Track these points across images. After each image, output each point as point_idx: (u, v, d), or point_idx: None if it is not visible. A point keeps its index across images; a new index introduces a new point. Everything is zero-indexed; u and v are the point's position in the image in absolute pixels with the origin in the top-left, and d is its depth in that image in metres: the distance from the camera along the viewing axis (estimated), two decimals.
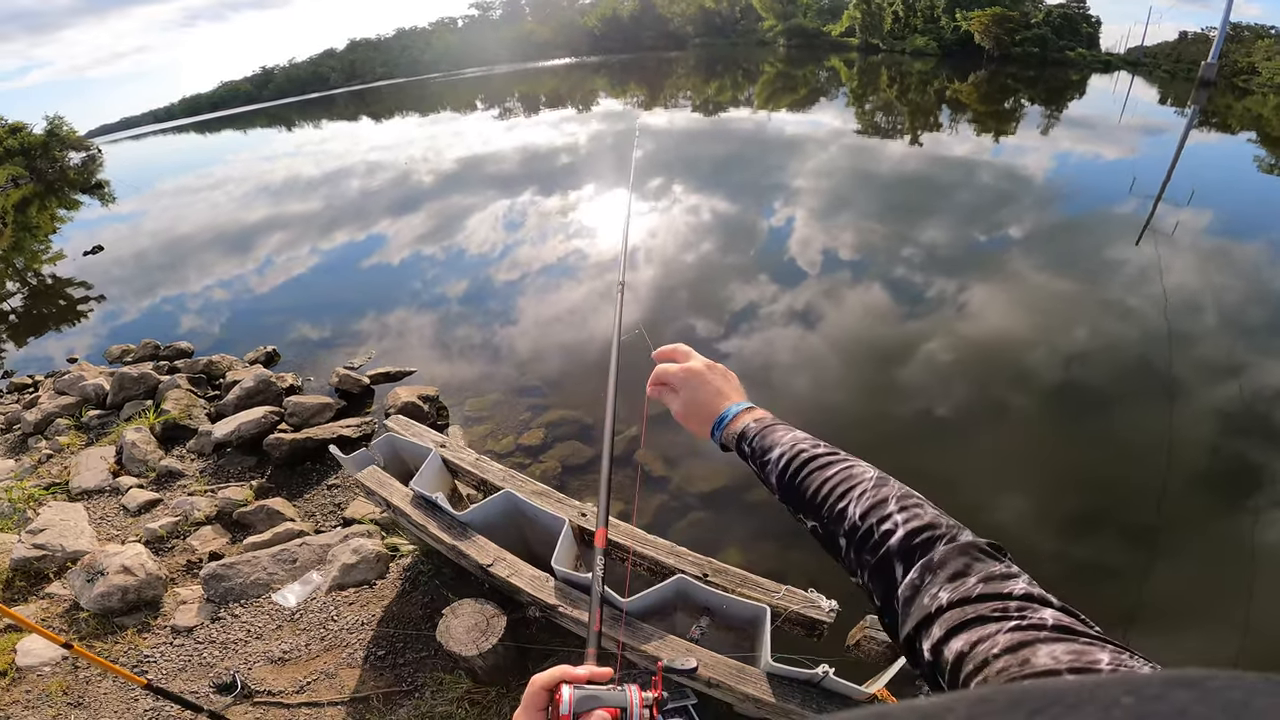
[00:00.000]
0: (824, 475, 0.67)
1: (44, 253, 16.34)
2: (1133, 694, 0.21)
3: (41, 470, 4.92)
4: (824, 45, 55.85)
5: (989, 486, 4.29)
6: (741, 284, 7.80)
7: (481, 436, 5.05)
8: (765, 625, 2.23)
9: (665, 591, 2.32)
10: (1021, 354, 5.75)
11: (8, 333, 10.19)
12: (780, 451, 0.72)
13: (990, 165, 13.20)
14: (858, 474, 0.66)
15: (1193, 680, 0.21)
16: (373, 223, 13.08)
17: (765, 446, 0.75)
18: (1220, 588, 3.49)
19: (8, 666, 3.01)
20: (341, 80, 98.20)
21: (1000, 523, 3.92)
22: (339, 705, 2.72)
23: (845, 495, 0.64)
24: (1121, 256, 7.85)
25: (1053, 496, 4.17)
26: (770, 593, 2.42)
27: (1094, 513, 3.99)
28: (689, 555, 2.47)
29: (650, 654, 2.20)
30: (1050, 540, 3.83)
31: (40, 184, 32.92)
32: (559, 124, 26.12)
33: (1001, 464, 4.53)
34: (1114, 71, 35.94)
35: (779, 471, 0.72)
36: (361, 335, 7.49)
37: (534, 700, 0.66)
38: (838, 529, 0.63)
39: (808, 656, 2.26)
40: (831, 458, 0.69)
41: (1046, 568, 3.59)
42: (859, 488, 0.64)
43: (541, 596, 2.24)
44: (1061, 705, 0.21)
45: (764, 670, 2.18)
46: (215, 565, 3.39)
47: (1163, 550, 3.67)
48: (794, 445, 0.72)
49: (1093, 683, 0.22)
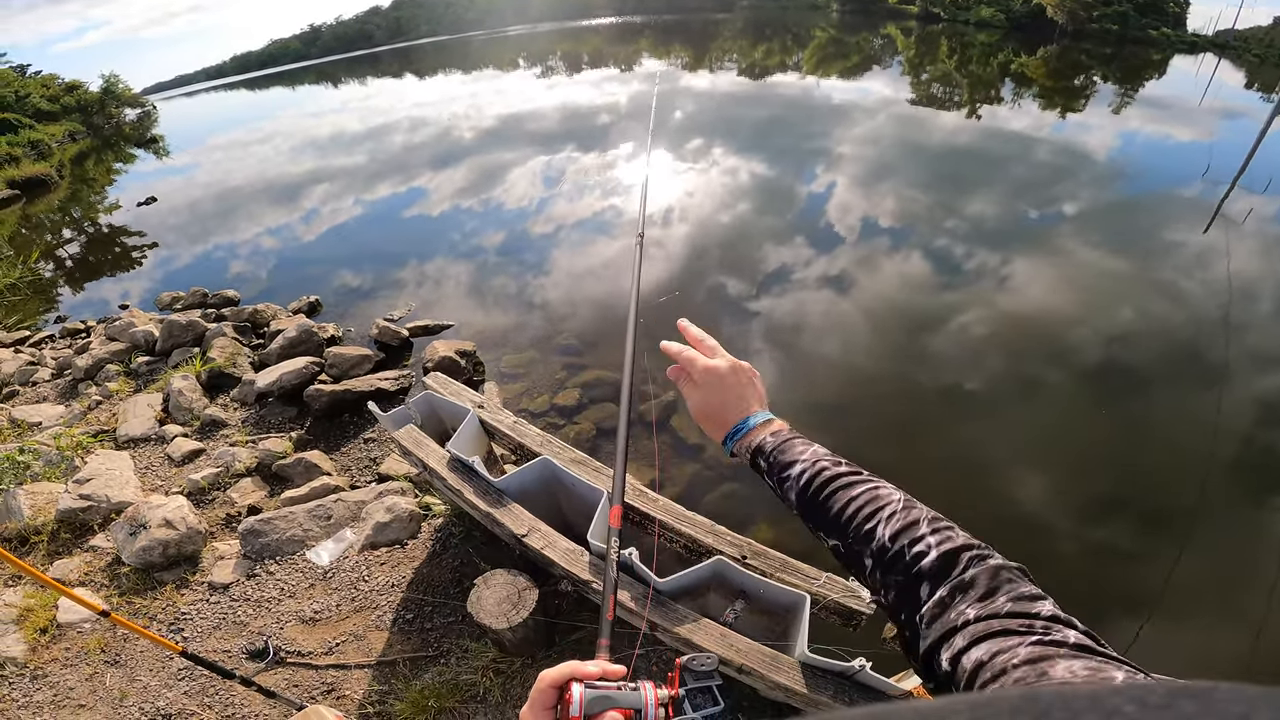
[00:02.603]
0: (849, 495, 0.67)
1: (100, 203, 16.82)
2: (1137, 702, 0.20)
3: (90, 417, 5.04)
4: (881, 12, 53.56)
5: (1016, 461, 4.23)
6: (776, 246, 7.74)
7: (516, 395, 5.01)
8: (804, 614, 2.14)
9: (701, 573, 2.24)
10: (1063, 331, 5.57)
11: (64, 279, 10.54)
12: (801, 469, 0.71)
13: (1049, 141, 12.52)
14: (884, 495, 0.65)
15: (1198, 692, 0.21)
16: (415, 176, 13.30)
17: (784, 462, 0.73)
18: (1240, 584, 3.37)
19: (49, 623, 3.09)
20: (386, 37, 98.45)
21: (1022, 498, 3.89)
22: (366, 668, 2.73)
23: (873, 516, 0.64)
24: (1183, 239, 7.43)
25: (1080, 476, 4.10)
26: (810, 579, 2.32)
27: (1119, 496, 3.91)
28: (728, 535, 2.37)
29: (682, 636, 2.14)
30: (1071, 520, 3.77)
31: (97, 139, 33.91)
32: (600, 83, 25.79)
33: (1031, 439, 4.44)
34: (1199, 53, 33.60)
35: (800, 489, 0.71)
36: (401, 284, 7.61)
37: (542, 698, 0.62)
38: (864, 549, 0.63)
39: (842, 648, 2.19)
40: (855, 477, 0.69)
41: (1064, 545, 3.58)
42: (887, 509, 0.64)
43: (575, 571, 2.17)
44: (1066, 711, 0.21)
45: (798, 659, 2.10)
46: (253, 520, 3.42)
47: (1185, 539, 3.55)
48: (815, 463, 0.71)
49: (1098, 690, 0.22)
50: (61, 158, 26.42)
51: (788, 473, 0.72)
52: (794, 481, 0.71)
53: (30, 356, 6.60)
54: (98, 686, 2.81)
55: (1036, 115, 15.54)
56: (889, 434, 4.52)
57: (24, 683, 2.84)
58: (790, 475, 0.72)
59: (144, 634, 2.01)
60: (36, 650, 2.98)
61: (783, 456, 0.73)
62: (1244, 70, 27.72)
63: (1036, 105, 17.14)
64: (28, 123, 29.29)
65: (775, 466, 0.74)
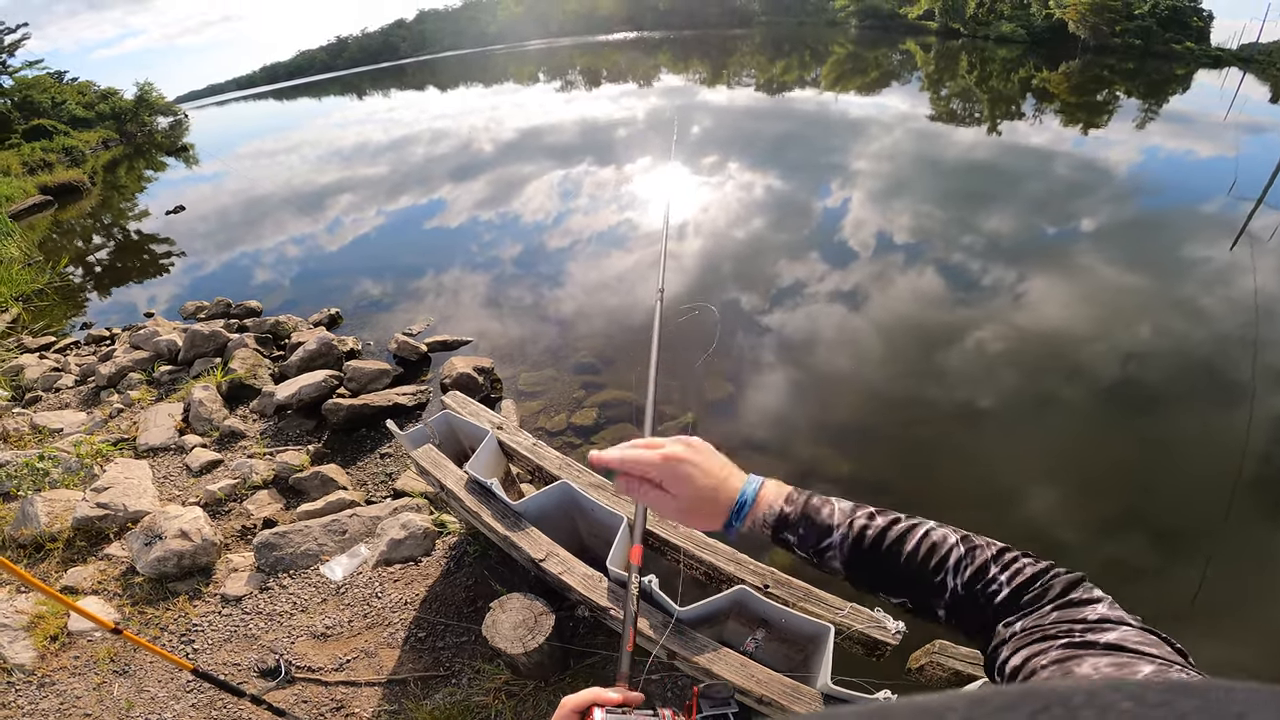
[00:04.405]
0: (903, 549, 0.64)
1: (130, 210, 17.16)
2: (1134, 699, 0.21)
3: (111, 425, 5.08)
4: (899, 28, 53.49)
5: (1027, 475, 4.16)
6: (790, 261, 7.73)
7: (534, 413, 4.99)
8: (828, 645, 2.08)
9: (722, 602, 2.19)
10: (1085, 349, 5.46)
11: (92, 285, 10.73)
12: (841, 534, 0.67)
13: (1068, 156, 12.34)
14: (940, 541, 0.64)
15: (1195, 689, 0.21)
16: (436, 187, 13.48)
17: (819, 531, 0.68)
18: (1266, 600, 3.27)
19: (59, 630, 3.08)
20: (411, 50, 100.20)
21: (1033, 513, 3.84)
22: (376, 686, 2.69)
23: (939, 569, 0.62)
24: (1209, 256, 7.26)
25: (1093, 491, 4.02)
26: (834, 609, 2.26)
27: (1131, 512, 3.84)
28: (750, 563, 2.32)
29: (702, 666, 2.08)
30: (1082, 534, 3.71)
31: (129, 146, 34.74)
32: (618, 98, 25.96)
33: (1036, 453, 4.38)
34: (1224, 67, 33.11)
35: (846, 557, 0.67)
36: (420, 295, 7.68)
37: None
38: (936, 602, 0.63)
39: (867, 680, 2.12)
40: (897, 527, 0.66)
41: (1073, 558, 3.43)
42: (951, 557, 0.62)
43: (593, 598, 2.13)
44: (1063, 707, 0.21)
45: (820, 690, 2.04)
46: (268, 534, 3.41)
47: (1210, 557, 3.46)
48: (850, 522, 0.67)
49: (1097, 686, 0.22)
50: (94, 164, 27.08)
51: (827, 541, 0.67)
52: (836, 549, 0.67)
53: (55, 362, 6.70)
54: (105, 696, 2.79)
55: (1057, 131, 15.33)
56: (906, 453, 4.44)
57: (31, 690, 2.83)
58: (831, 544, 0.67)
59: (156, 651, 1.99)
60: (45, 658, 2.97)
61: (813, 526, 0.68)
62: (1269, 84, 27.25)
63: (1058, 121, 16.92)
64: (63, 129, 30.04)
65: (809, 538, 0.68)
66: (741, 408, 4.97)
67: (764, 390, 5.21)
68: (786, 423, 4.81)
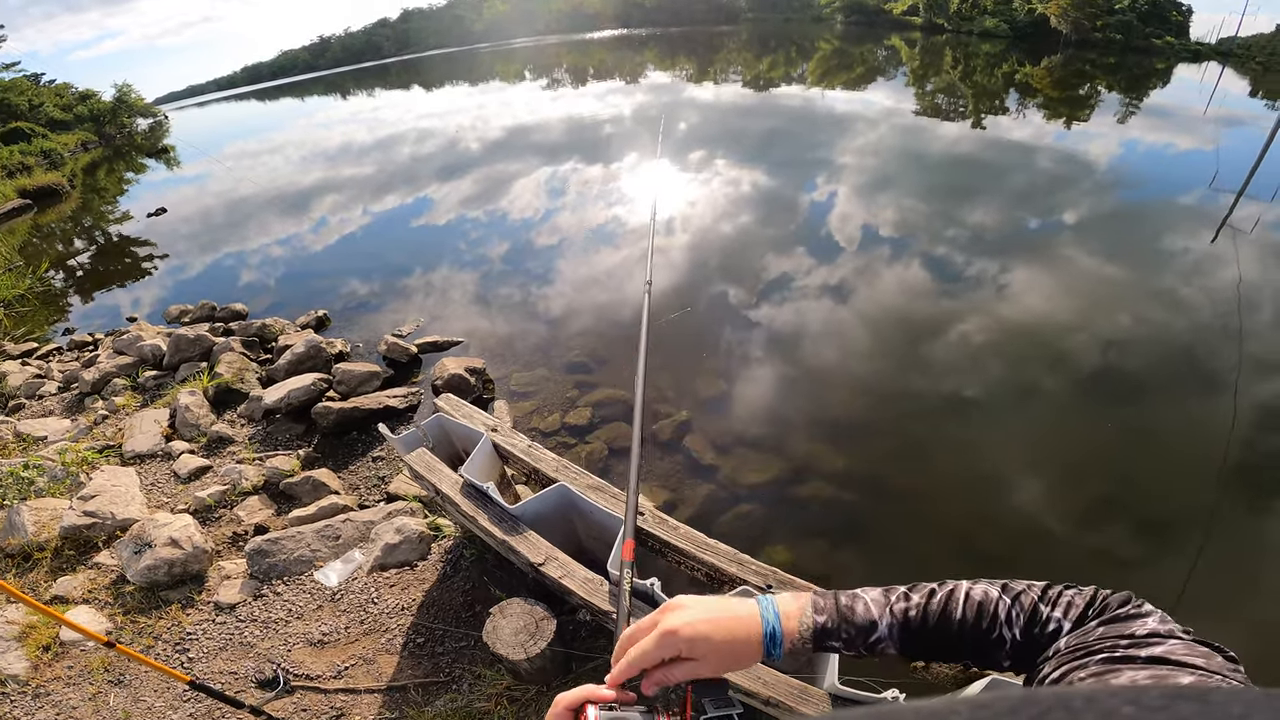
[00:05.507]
0: (953, 619, 0.65)
1: (111, 213, 16.90)
2: (1135, 704, 0.21)
3: (96, 432, 5.00)
4: (884, 24, 53.63)
5: (1016, 466, 4.19)
6: (777, 255, 7.76)
7: (527, 413, 4.96)
8: None
9: None
10: (1062, 338, 5.53)
11: (74, 289, 10.56)
12: (888, 624, 0.67)
13: (1050, 149, 12.45)
14: (981, 597, 0.65)
15: (1196, 694, 0.21)
16: (422, 186, 13.37)
17: (862, 629, 0.68)
18: (1249, 591, 3.31)
19: (52, 640, 3.03)
20: (395, 49, 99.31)
21: (1023, 503, 3.86)
22: (375, 693, 2.67)
23: (993, 626, 0.63)
24: (1189, 247, 7.36)
25: (1077, 481, 4.06)
26: None
27: (1116, 501, 3.87)
28: (753, 564, 2.31)
29: None
30: (1070, 525, 3.73)
31: (109, 148, 34.21)
32: (605, 95, 25.87)
33: (1027, 445, 4.41)
34: (1203, 61, 33.46)
35: (900, 644, 0.67)
36: (408, 294, 7.62)
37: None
38: (998, 655, 0.63)
39: (874, 679, 2.12)
40: (937, 598, 0.67)
41: (1059, 551, 3.55)
42: (1000, 610, 0.63)
43: (594, 601, 2.11)
44: (1064, 710, 0.21)
45: (828, 691, 2.03)
46: (260, 540, 3.37)
47: (1199, 546, 3.49)
48: (890, 609, 0.68)
49: (1099, 692, 0.22)
50: (74, 167, 26.64)
51: (875, 636, 0.67)
52: (889, 641, 0.67)
53: (37, 369, 6.58)
54: (100, 707, 2.75)
55: (1040, 125, 15.46)
56: (898, 446, 4.46)
57: (25, 701, 2.78)
58: (880, 637, 0.67)
59: (151, 664, 1.95)
60: (39, 668, 2.92)
61: (855, 627, 0.67)
62: (1248, 78, 27.57)
63: (1040, 115, 17.08)
64: (41, 131, 29.56)
65: (856, 639, 0.68)
66: (734, 404, 4.98)
67: (756, 385, 5.22)
68: (779, 418, 4.81)
